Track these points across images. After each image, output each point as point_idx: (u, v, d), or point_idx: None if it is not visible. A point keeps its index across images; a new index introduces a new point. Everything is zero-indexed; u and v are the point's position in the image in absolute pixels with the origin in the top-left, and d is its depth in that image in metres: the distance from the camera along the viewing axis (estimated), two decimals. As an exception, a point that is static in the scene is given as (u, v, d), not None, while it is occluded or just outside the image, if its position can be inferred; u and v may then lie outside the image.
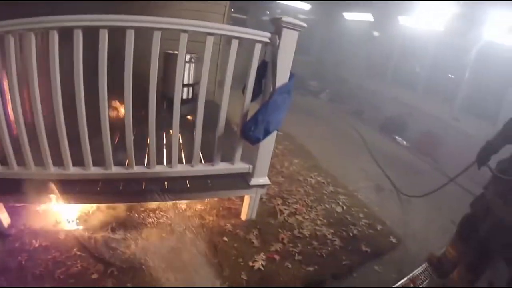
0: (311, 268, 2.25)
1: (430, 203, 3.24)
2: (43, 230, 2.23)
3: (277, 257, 2.29)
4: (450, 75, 4.99)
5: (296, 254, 2.35)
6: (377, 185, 3.58)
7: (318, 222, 2.76)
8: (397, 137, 5.00)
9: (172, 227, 2.46)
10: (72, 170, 2.05)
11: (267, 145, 2.29)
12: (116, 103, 3.40)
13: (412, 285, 2.26)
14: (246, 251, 2.30)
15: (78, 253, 2.09)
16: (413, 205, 3.22)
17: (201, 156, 2.35)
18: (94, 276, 1.95)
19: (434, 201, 3.27)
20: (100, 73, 1.77)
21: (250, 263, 2.20)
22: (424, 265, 2.39)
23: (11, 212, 2.26)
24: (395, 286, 2.22)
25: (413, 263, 2.46)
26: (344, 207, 3.02)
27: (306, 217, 2.80)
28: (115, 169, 2.12)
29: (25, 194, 1.97)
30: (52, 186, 2.02)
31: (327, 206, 3.01)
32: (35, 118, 1.82)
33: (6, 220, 2.18)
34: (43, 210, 2.37)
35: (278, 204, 2.86)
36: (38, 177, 1.98)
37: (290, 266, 2.24)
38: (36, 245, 2.09)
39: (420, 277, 2.30)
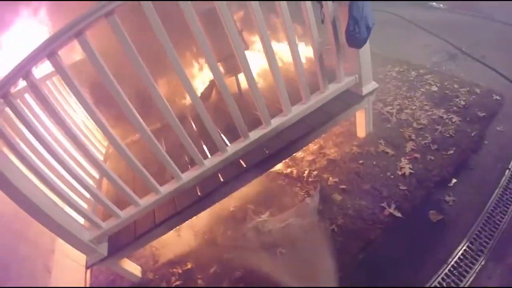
0: (451, 151, 2.21)
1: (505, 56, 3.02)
2: (178, 256, 2.04)
3: (417, 155, 2.24)
4: None
5: (431, 145, 2.30)
6: (448, 54, 3.35)
7: (427, 107, 2.64)
8: (433, 3, 4.57)
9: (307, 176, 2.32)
10: (184, 178, 1.79)
11: (365, 45, 1.99)
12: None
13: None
14: (388, 163, 2.24)
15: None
16: (488, 60, 3.04)
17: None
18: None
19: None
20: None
21: (399, 173, 2.15)
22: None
23: (136, 257, 2.06)
24: None
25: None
26: (438, 85, 2.86)
27: (413, 107, 2.67)
28: (230, 149, 1.86)
29: (144, 235, 1.77)
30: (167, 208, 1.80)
31: (423, 90, 2.86)
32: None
33: (137, 270, 1.97)
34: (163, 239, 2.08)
35: (381, 108, 2.71)
36: (147, 210, 1.78)
37: (433, 158, 2.20)
38: (182, 273, 1.91)
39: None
